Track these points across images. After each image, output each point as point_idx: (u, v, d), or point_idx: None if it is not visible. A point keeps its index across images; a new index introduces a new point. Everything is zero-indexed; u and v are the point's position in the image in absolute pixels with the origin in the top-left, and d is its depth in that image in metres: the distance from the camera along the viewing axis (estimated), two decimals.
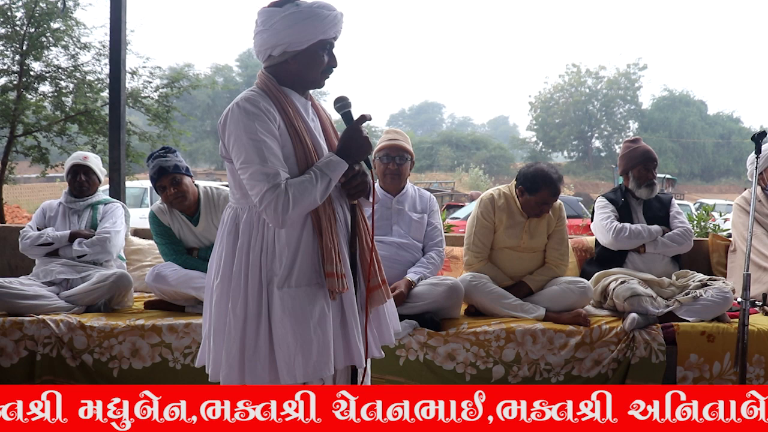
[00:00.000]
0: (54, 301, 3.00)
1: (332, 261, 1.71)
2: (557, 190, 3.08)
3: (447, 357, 2.81)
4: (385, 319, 1.92)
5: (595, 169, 43.00)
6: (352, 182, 1.78)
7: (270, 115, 1.70)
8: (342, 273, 1.73)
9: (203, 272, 3.07)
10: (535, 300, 3.06)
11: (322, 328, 1.71)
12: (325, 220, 1.74)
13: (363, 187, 1.80)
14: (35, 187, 22.70)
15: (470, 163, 38.21)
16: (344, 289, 1.73)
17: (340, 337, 1.76)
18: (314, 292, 1.72)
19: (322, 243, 1.73)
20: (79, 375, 2.79)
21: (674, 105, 44.47)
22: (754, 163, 2.88)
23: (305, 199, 1.66)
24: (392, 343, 1.97)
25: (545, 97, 45.78)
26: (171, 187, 3.08)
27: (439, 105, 73.53)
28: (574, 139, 45.41)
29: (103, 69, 11.40)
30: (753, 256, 3.33)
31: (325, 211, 1.74)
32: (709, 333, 2.85)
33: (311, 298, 1.71)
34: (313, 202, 1.68)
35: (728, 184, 41.04)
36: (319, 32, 1.74)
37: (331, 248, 1.72)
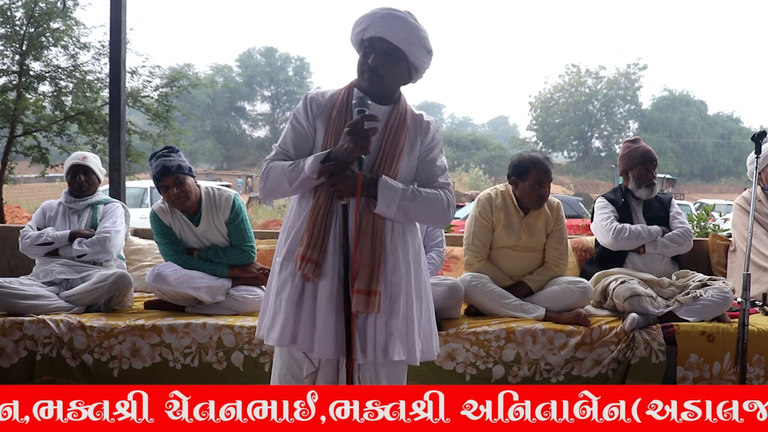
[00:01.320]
0: (54, 301, 2.99)
1: (305, 244, 1.80)
2: (546, 167, 3.09)
3: (447, 357, 2.81)
4: (402, 334, 1.83)
5: (595, 169, 43.03)
6: (332, 179, 1.77)
7: (314, 108, 1.91)
8: (312, 259, 1.78)
9: (203, 272, 3.07)
10: (535, 300, 3.06)
11: (286, 302, 1.81)
12: (316, 208, 1.83)
13: (341, 187, 1.77)
14: (35, 187, 22.70)
15: (470, 163, 38.23)
16: (310, 275, 1.78)
17: (309, 323, 1.79)
18: (289, 266, 1.84)
19: (306, 226, 1.83)
20: (79, 375, 2.79)
21: (674, 105, 44.50)
22: (754, 162, 2.88)
23: (273, 181, 1.86)
24: (403, 358, 1.83)
25: (545, 97, 45.80)
26: (174, 186, 3.07)
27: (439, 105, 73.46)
28: (574, 139, 45.44)
29: (103, 69, 11.41)
30: (753, 256, 3.33)
31: (319, 200, 1.83)
32: (709, 333, 2.85)
33: (283, 271, 1.85)
34: (282, 184, 1.85)
35: (728, 184, 41.06)
36: (355, 31, 1.90)
37: (310, 233, 1.80)
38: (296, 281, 1.82)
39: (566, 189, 34.13)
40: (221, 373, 2.82)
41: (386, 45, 1.84)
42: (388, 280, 1.84)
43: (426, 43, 1.89)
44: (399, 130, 1.90)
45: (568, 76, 45.21)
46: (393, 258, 1.85)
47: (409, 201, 1.84)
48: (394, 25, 1.83)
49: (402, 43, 1.84)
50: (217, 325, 2.84)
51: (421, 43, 1.87)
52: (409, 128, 1.93)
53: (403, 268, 1.87)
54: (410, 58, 1.87)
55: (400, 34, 1.83)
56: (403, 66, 1.89)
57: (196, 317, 2.94)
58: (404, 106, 1.95)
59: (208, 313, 3.02)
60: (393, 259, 1.85)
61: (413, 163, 1.94)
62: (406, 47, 1.85)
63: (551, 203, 3.24)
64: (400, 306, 1.84)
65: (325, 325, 1.77)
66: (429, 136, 1.97)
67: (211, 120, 40.58)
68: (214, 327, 2.84)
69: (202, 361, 2.83)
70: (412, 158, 1.94)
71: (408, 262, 1.89)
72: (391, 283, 1.84)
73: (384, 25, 1.83)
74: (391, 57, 1.85)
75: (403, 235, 1.90)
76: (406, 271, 1.87)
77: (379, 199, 1.80)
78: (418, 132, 1.95)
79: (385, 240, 1.84)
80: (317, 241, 1.80)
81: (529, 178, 3.10)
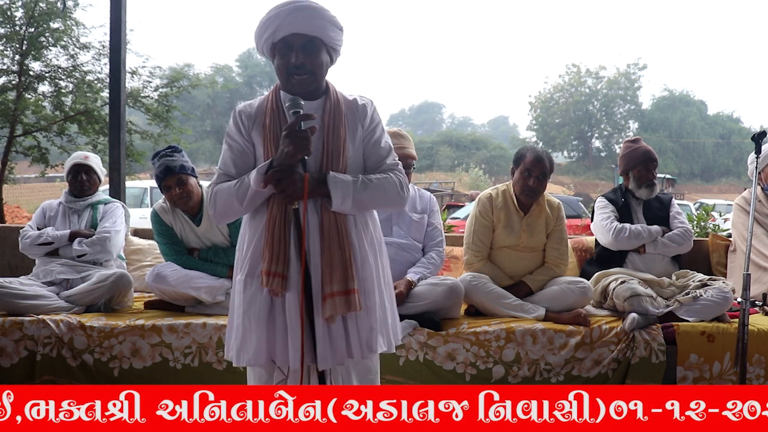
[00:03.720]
0: (54, 301, 3.00)
1: (268, 259, 1.76)
2: (538, 157, 3.11)
3: (447, 357, 2.81)
4: (356, 336, 1.83)
5: (595, 169, 43.01)
6: (277, 186, 1.73)
7: (245, 121, 1.87)
8: (277, 273, 1.75)
9: (203, 272, 3.08)
10: (535, 300, 3.06)
11: (255, 319, 1.78)
12: (273, 220, 1.78)
13: (290, 192, 1.72)
14: (35, 187, 22.70)
15: (470, 163, 38.22)
16: (280, 290, 1.75)
17: (283, 337, 1.77)
18: (254, 283, 1.80)
19: (265, 241, 1.78)
20: (79, 375, 2.79)
21: (674, 105, 44.50)
22: (754, 162, 2.89)
23: (221, 201, 1.83)
24: (384, 349, 1.89)
25: (545, 97, 45.80)
26: (176, 187, 3.07)
27: (439, 105, 73.51)
28: (574, 139, 45.43)
29: (103, 69, 11.41)
30: (753, 256, 3.33)
31: (272, 210, 1.79)
32: (709, 333, 2.85)
33: (248, 288, 1.81)
34: (232, 205, 1.81)
35: (728, 184, 41.05)
36: (262, 38, 1.84)
37: (271, 247, 1.76)
38: (264, 297, 1.78)
39: (566, 189, 34.12)
40: (221, 373, 2.82)
41: (303, 39, 1.80)
42: (360, 276, 1.83)
43: (336, 21, 1.85)
44: (337, 121, 1.86)
45: (568, 76, 45.21)
46: (361, 253, 1.86)
47: (361, 191, 1.81)
48: (304, 16, 1.78)
49: (317, 31, 1.81)
50: (217, 325, 2.84)
51: (332, 23, 1.84)
52: (347, 116, 1.89)
53: (371, 260, 1.88)
54: (327, 42, 1.85)
55: (314, 23, 1.80)
56: (324, 53, 1.86)
57: (196, 317, 2.94)
58: (335, 95, 1.91)
59: (208, 313, 3.02)
60: (361, 254, 1.86)
61: (359, 151, 1.91)
62: (321, 34, 1.82)
63: (551, 203, 3.24)
64: (375, 299, 1.86)
65: (297, 335, 1.75)
66: (368, 119, 1.92)
67: (211, 120, 40.54)
68: (214, 327, 2.84)
69: (202, 361, 2.83)
70: (357, 146, 1.90)
71: (374, 253, 1.90)
72: (363, 278, 1.84)
73: (294, 20, 1.78)
74: (312, 49, 1.82)
75: (365, 227, 1.89)
76: (373, 262, 1.88)
77: (333, 196, 1.78)
78: (356, 118, 1.91)
79: (351, 236, 1.83)
80: (279, 253, 1.75)
81: (521, 165, 3.14)
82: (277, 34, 1.80)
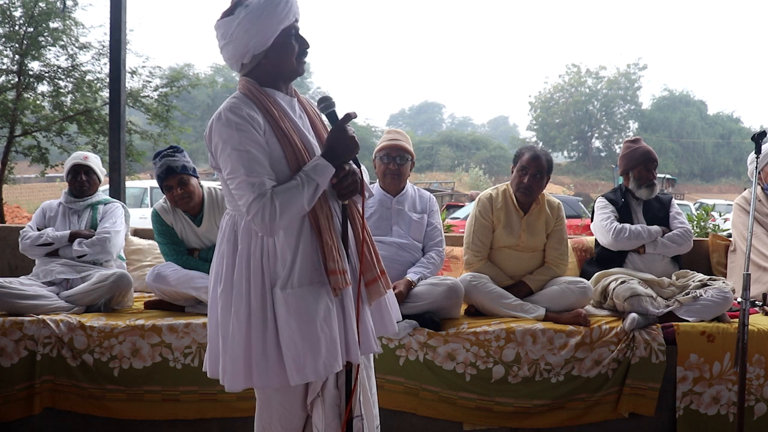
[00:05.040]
0: (54, 301, 3.00)
1: (333, 258, 1.71)
2: (536, 155, 3.13)
3: (447, 357, 2.81)
4: (387, 311, 1.93)
5: (595, 169, 43.04)
6: (343, 183, 1.74)
7: (254, 122, 1.68)
8: (344, 269, 1.73)
9: (204, 272, 3.07)
10: (535, 300, 3.06)
11: (328, 325, 1.71)
12: (323, 219, 1.73)
13: (353, 187, 1.76)
14: (35, 187, 22.71)
15: (470, 163, 38.24)
16: (347, 285, 1.74)
17: (343, 333, 1.76)
18: (317, 290, 1.72)
19: (322, 241, 1.73)
20: (79, 375, 2.79)
21: (674, 105, 44.54)
22: (754, 162, 2.89)
23: (292, 206, 1.64)
24: (395, 331, 2.00)
25: (545, 97, 45.84)
26: (178, 187, 3.07)
27: (439, 105, 73.61)
28: (574, 139, 45.46)
29: (103, 69, 11.41)
30: (753, 256, 3.33)
31: (322, 209, 1.74)
32: (709, 333, 2.85)
33: (315, 297, 1.71)
34: (300, 209, 1.66)
35: (728, 184, 41.07)
36: (278, 23, 1.72)
37: (331, 246, 1.72)
38: (330, 299, 1.74)
39: (566, 189, 34.12)
40: None
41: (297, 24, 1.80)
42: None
43: None
44: (311, 108, 1.89)
45: (568, 76, 45.26)
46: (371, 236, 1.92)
47: None
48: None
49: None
50: None
51: None
52: (308, 101, 1.93)
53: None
54: None
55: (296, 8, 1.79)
56: None
57: (196, 317, 2.94)
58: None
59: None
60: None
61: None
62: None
63: (551, 203, 3.24)
64: (387, 278, 1.91)
65: (354, 328, 1.77)
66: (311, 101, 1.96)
67: None
68: None
69: (203, 361, 2.82)
70: None
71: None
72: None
73: (294, 4, 1.76)
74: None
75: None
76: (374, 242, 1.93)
77: None
78: (308, 102, 1.94)
79: (364, 222, 1.87)
80: (338, 248, 1.75)
81: (518, 163, 3.16)
82: (289, 19, 1.75)
